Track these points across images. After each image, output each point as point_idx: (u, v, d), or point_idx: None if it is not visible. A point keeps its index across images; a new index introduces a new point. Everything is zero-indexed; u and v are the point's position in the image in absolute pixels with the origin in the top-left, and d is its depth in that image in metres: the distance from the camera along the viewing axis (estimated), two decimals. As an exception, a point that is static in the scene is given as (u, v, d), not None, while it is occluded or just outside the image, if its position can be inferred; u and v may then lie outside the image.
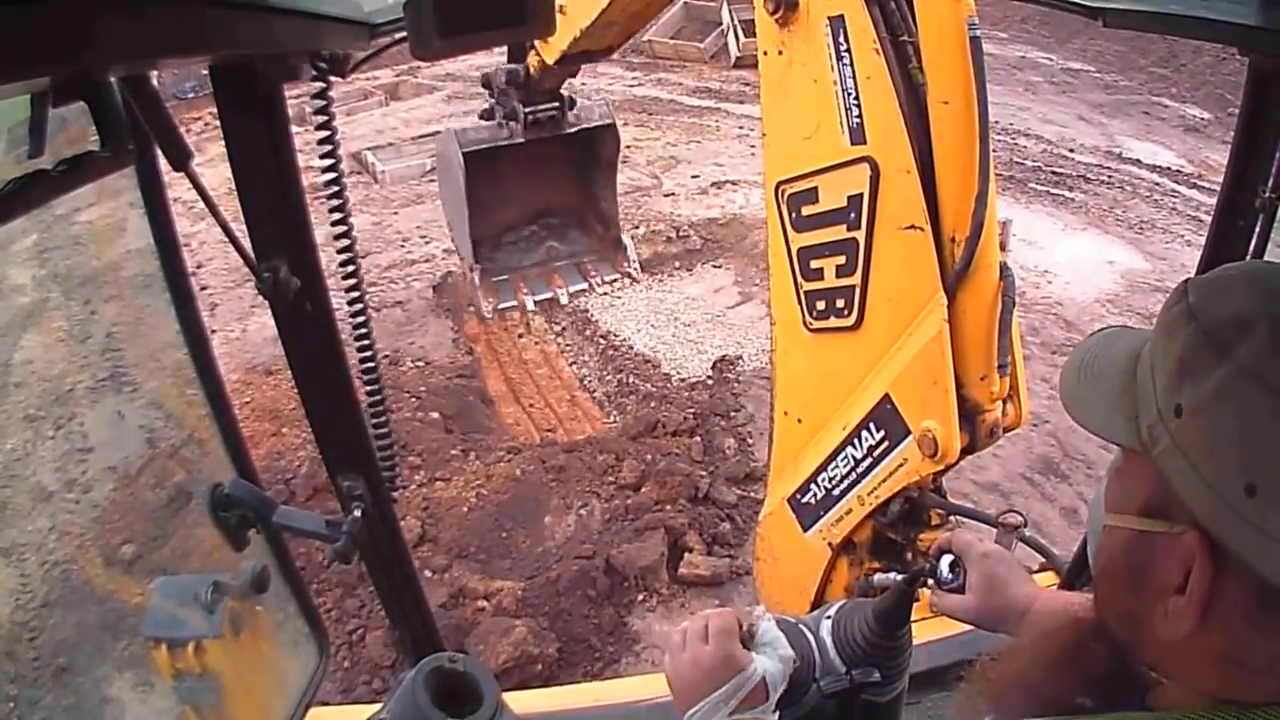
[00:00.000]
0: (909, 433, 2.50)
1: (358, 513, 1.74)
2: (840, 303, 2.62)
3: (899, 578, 2.56)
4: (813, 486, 2.83)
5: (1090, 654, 0.96)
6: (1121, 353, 0.90)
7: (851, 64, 2.41)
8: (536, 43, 4.24)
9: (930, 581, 1.48)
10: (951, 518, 2.81)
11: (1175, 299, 0.85)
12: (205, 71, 1.35)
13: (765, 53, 2.67)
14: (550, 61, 4.19)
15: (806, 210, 2.64)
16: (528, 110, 5.80)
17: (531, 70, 4.38)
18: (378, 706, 1.51)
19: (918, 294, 2.43)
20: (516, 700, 1.77)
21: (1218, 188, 2.38)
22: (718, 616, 1.30)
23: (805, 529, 2.90)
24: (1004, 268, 2.43)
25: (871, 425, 2.60)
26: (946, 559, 1.45)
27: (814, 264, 2.66)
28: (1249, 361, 0.76)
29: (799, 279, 2.72)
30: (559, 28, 3.95)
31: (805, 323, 2.74)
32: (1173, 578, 0.82)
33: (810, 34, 2.49)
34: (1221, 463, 0.77)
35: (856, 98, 2.43)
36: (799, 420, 2.89)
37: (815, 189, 2.60)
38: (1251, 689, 0.82)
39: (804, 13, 2.49)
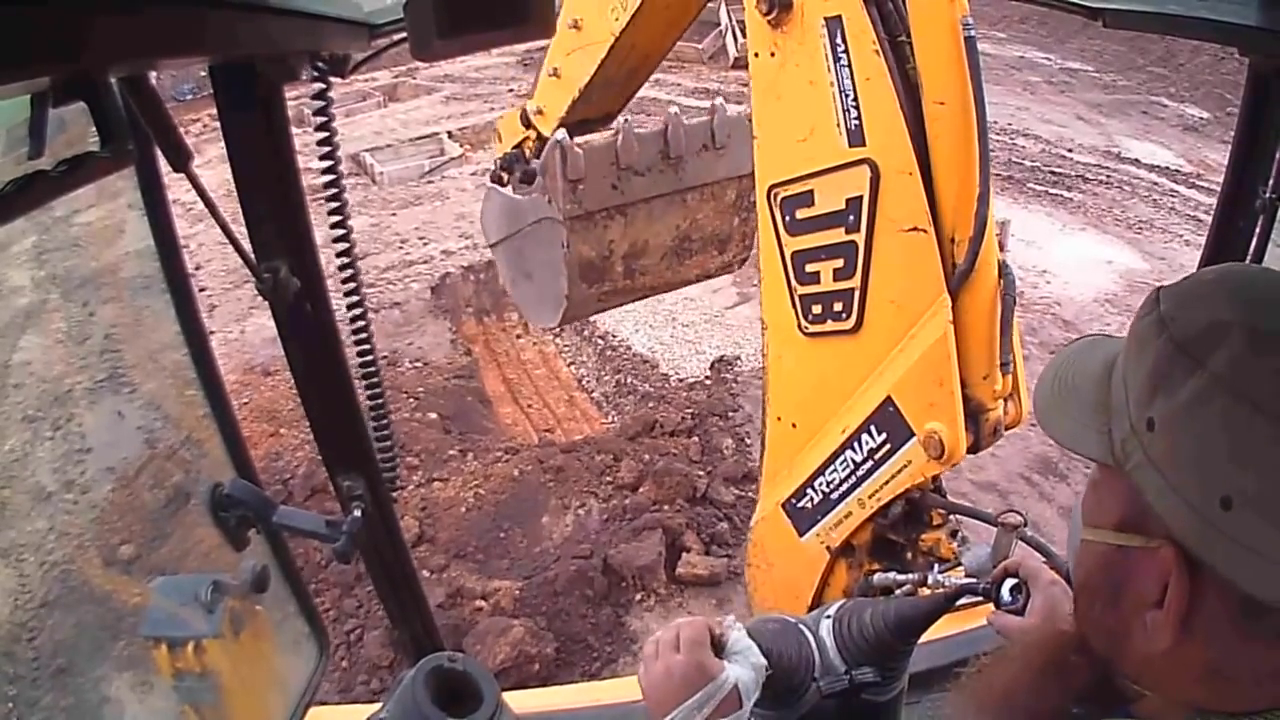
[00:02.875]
0: (912, 435, 2.49)
1: (357, 513, 1.74)
2: (838, 306, 2.58)
3: (897, 576, 2.53)
4: (809, 491, 2.80)
5: (1073, 667, 0.95)
6: (1096, 365, 0.89)
7: (850, 65, 2.38)
8: (532, 117, 3.90)
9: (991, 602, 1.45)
10: (952, 517, 2.81)
11: (1147, 309, 0.83)
12: (205, 72, 1.35)
13: (756, 54, 2.61)
14: (548, 134, 3.83)
15: (801, 213, 2.60)
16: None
17: (528, 151, 3.98)
18: (377, 706, 1.51)
19: (921, 296, 2.42)
20: (515, 700, 1.77)
21: (1216, 187, 2.39)
22: (688, 626, 1.29)
23: (801, 533, 2.87)
24: (1003, 266, 2.43)
25: (873, 428, 2.57)
26: (1009, 582, 1.42)
27: (809, 267, 2.63)
28: (1223, 371, 0.75)
29: (793, 283, 2.68)
30: (555, 93, 3.78)
31: (800, 326, 2.70)
32: (1151, 592, 0.81)
33: (805, 35, 2.45)
34: (1196, 476, 0.76)
35: (855, 99, 2.40)
36: (793, 425, 2.85)
37: (811, 192, 2.56)
38: (1235, 699, 0.81)
39: (798, 13, 2.45)
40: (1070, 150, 11.69)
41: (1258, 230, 2.20)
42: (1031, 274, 8.59)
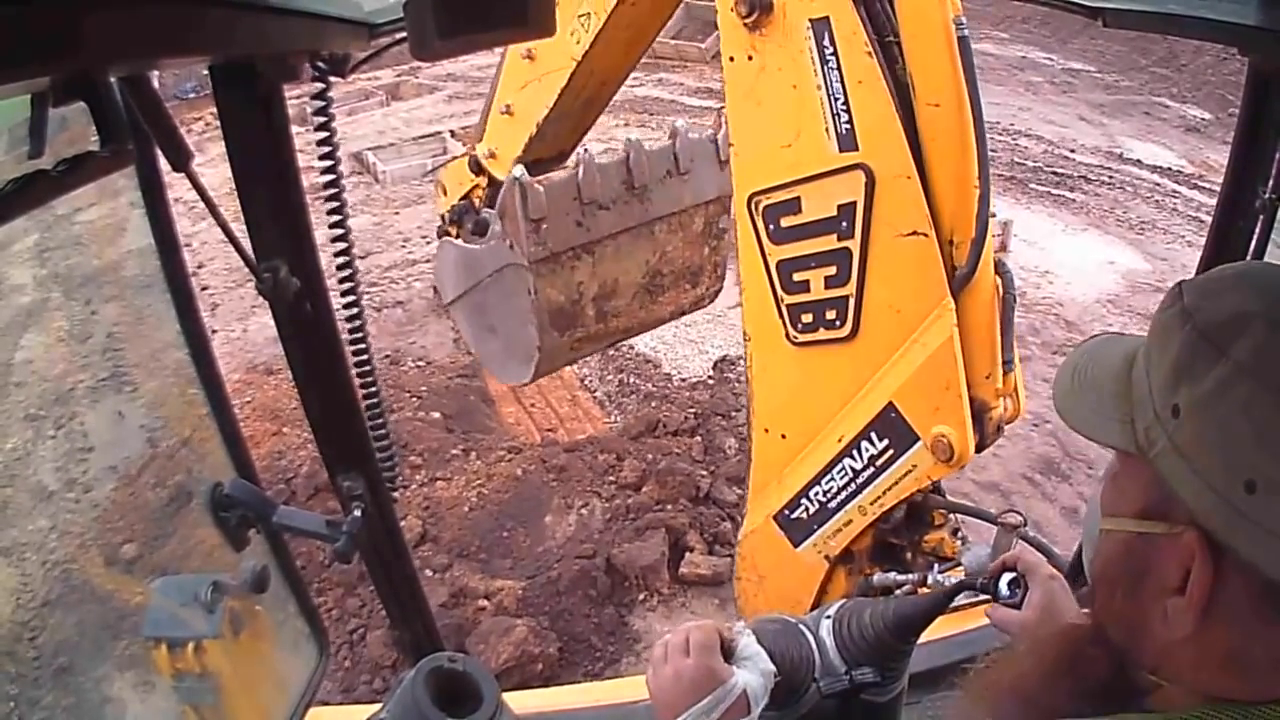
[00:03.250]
0: (917, 439, 2.46)
1: (358, 512, 1.74)
2: (831, 314, 2.53)
3: (897, 577, 2.53)
4: (804, 501, 2.75)
5: (1088, 660, 0.95)
6: (1115, 358, 0.91)
7: (839, 68, 2.31)
8: (484, 162, 3.70)
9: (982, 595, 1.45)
10: (953, 516, 2.80)
11: (1170, 301, 0.86)
12: (205, 71, 1.35)
13: (731, 58, 2.51)
14: (501, 177, 3.60)
15: (786, 221, 2.53)
16: None
17: (477, 201, 3.77)
18: (378, 706, 1.51)
19: (923, 300, 2.38)
20: (516, 700, 1.77)
21: (1218, 188, 2.38)
22: (698, 630, 1.30)
23: (796, 544, 2.82)
24: (1000, 264, 2.41)
25: (873, 435, 2.54)
26: (1007, 576, 1.42)
27: (797, 276, 2.57)
28: (1246, 359, 0.77)
29: (779, 292, 2.62)
30: (509, 132, 3.60)
31: (789, 336, 2.64)
32: (1172, 579, 0.82)
33: (787, 38, 2.38)
34: (1220, 461, 0.77)
35: (845, 103, 2.33)
36: (782, 436, 2.78)
37: (797, 199, 2.49)
38: (1253, 686, 0.81)
39: (779, 15, 2.37)
40: (1072, 151, 11.66)
41: (1258, 230, 2.19)
42: (1034, 274, 8.56)
